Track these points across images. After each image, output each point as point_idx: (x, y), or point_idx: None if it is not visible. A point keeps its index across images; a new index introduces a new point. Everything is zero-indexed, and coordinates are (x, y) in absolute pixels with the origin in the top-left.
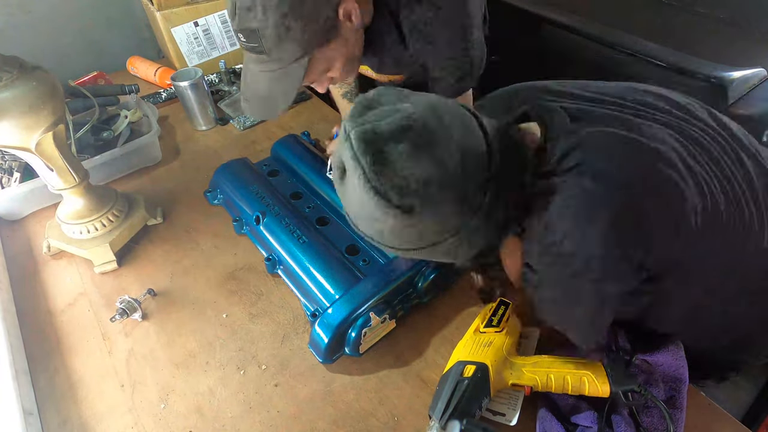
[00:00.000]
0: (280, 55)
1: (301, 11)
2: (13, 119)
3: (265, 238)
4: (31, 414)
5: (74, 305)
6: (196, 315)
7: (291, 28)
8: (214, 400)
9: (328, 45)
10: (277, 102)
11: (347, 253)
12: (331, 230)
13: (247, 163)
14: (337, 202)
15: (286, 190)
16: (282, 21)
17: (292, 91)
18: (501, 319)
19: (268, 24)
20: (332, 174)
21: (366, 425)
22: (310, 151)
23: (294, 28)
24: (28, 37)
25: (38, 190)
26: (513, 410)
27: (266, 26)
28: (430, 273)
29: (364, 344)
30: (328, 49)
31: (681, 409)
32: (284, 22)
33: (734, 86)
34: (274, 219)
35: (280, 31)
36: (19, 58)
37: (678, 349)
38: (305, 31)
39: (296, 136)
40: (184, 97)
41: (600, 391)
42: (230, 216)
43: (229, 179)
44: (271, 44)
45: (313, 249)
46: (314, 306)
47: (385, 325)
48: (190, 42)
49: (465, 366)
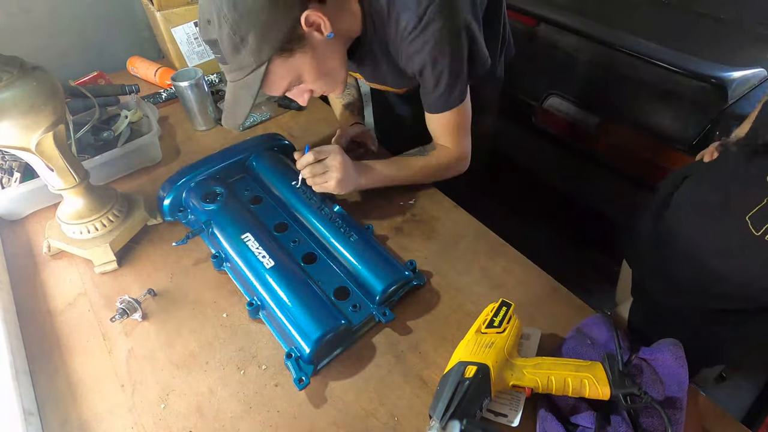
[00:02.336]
0: (239, 65)
1: (256, 22)
2: (13, 119)
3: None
4: (32, 414)
5: (74, 305)
6: (196, 315)
7: (245, 38)
8: (214, 400)
9: (292, 55)
10: (237, 111)
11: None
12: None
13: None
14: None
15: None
16: (236, 31)
17: (248, 101)
18: (502, 320)
19: (223, 35)
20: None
21: (366, 425)
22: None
23: (248, 39)
24: (28, 37)
25: (38, 190)
26: (515, 411)
27: (222, 37)
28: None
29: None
30: (292, 59)
31: (681, 410)
32: (238, 32)
33: (734, 86)
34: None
35: (235, 42)
36: (19, 58)
37: (678, 349)
38: (263, 42)
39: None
40: (185, 97)
41: (600, 393)
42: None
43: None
44: (228, 54)
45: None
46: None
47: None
48: (191, 42)
49: (466, 366)
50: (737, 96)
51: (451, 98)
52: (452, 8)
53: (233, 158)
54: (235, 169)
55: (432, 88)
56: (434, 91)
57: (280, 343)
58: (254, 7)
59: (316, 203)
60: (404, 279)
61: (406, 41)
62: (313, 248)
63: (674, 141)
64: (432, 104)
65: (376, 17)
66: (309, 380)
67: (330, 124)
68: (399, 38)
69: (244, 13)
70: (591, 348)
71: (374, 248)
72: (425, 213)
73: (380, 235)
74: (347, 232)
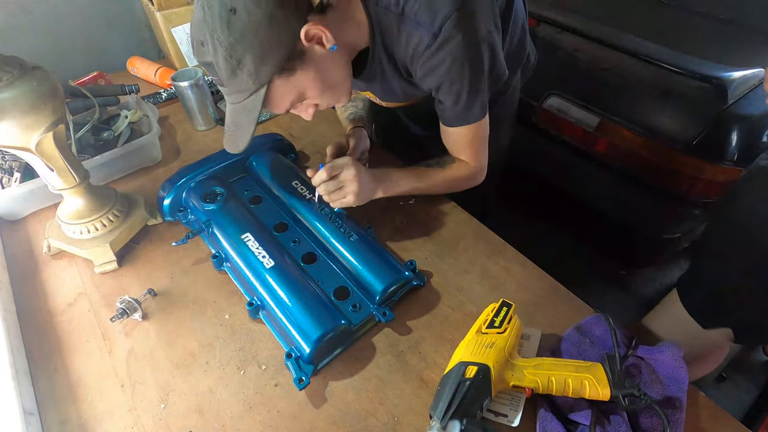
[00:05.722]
0: (237, 88)
1: (254, 42)
2: (13, 119)
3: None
4: (32, 414)
5: (74, 305)
6: (196, 315)
7: (242, 61)
8: (214, 400)
9: (293, 74)
10: (238, 135)
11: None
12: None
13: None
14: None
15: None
16: (232, 54)
17: (249, 125)
18: (503, 320)
19: (218, 58)
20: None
21: (366, 425)
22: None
23: (246, 62)
24: (28, 37)
25: (38, 190)
26: (515, 411)
27: (218, 60)
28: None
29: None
30: (294, 78)
31: (681, 410)
32: (235, 55)
33: (734, 86)
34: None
35: (232, 65)
36: (19, 58)
37: (678, 350)
38: (261, 63)
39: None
40: (185, 97)
41: (600, 394)
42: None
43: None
44: (225, 78)
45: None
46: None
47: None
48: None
49: (467, 367)
50: (737, 96)
51: (471, 114)
52: (471, 21)
53: (233, 158)
54: (235, 169)
55: (451, 105)
56: (453, 108)
57: (280, 343)
58: (250, 26)
59: (319, 206)
60: (404, 279)
61: (420, 60)
62: (313, 248)
63: (674, 141)
64: (450, 119)
65: (384, 30)
66: (309, 380)
67: (331, 123)
68: (411, 56)
69: (239, 33)
70: (591, 348)
71: (374, 248)
72: (425, 213)
73: (380, 235)
74: (347, 232)
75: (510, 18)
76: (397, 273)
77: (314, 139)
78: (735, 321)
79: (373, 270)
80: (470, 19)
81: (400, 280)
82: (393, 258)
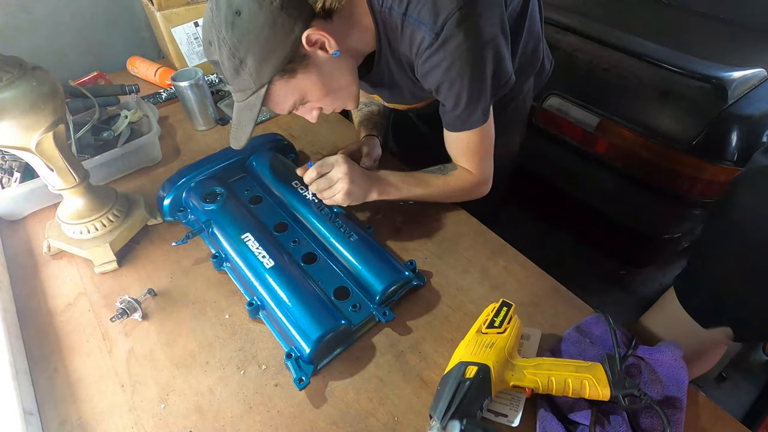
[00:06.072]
0: (240, 87)
1: (255, 43)
2: (13, 119)
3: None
4: (32, 414)
5: (74, 305)
6: (196, 315)
7: (244, 61)
8: (214, 400)
9: (294, 76)
10: (240, 132)
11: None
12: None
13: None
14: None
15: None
16: (234, 54)
17: (249, 123)
18: (503, 320)
19: (223, 57)
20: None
21: (366, 425)
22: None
23: (247, 62)
24: (28, 37)
25: (38, 190)
26: (515, 411)
27: (223, 59)
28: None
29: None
30: (294, 80)
31: (681, 410)
32: (237, 55)
33: (734, 86)
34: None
35: (235, 64)
36: (19, 58)
37: (678, 350)
38: (262, 64)
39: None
40: (185, 97)
41: (600, 394)
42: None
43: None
44: (229, 76)
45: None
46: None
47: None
48: (191, 42)
49: (467, 367)
50: (737, 96)
51: (471, 119)
52: (475, 22)
53: (233, 158)
54: (235, 169)
55: (450, 107)
56: (453, 110)
57: (280, 343)
58: (252, 28)
59: (316, 204)
60: (404, 279)
61: (421, 58)
62: (313, 248)
63: (674, 141)
64: (450, 122)
65: (389, 32)
66: (309, 380)
67: (331, 123)
68: (413, 55)
69: (242, 34)
70: (591, 348)
71: (374, 248)
72: (425, 213)
73: (380, 235)
74: (347, 232)
75: (524, 24)
76: (397, 273)
77: (314, 139)
78: (734, 320)
79: (373, 270)
80: (474, 21)
81: (400, 280)
82: (393, 258)
